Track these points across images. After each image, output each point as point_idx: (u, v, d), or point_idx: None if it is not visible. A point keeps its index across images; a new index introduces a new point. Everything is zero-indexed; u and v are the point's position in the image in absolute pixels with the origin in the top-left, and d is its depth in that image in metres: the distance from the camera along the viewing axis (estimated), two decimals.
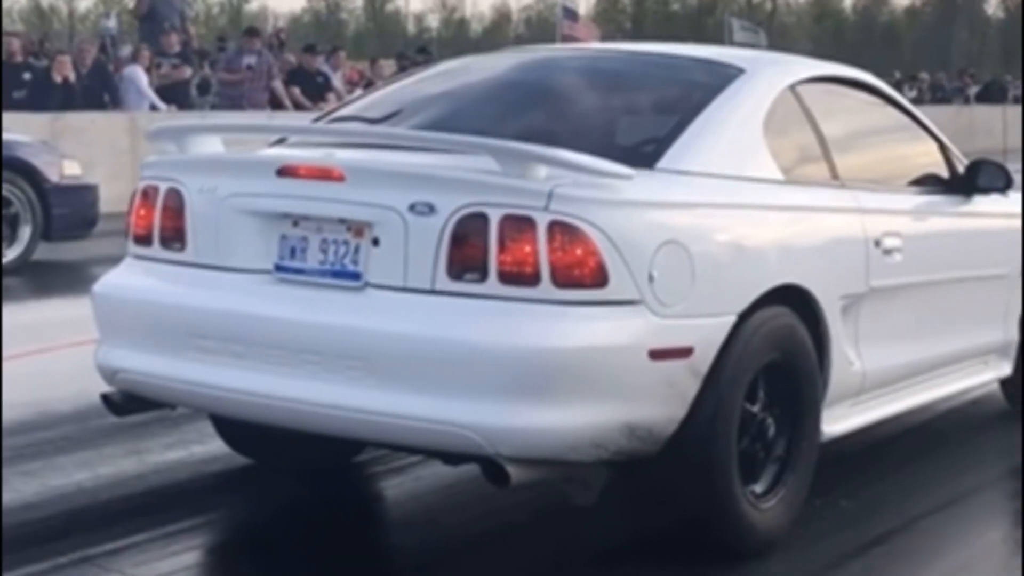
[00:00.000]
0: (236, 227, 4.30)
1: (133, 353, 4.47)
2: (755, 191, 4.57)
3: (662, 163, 4.37)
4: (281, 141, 4.97)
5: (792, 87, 5.04)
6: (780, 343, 4.45)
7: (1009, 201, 6.12)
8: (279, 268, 4.27)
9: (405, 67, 20.77)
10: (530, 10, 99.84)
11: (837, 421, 4.97)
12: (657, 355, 3.98)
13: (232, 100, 19.48)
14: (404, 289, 4.01)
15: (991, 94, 37.30)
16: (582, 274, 3.86)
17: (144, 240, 4.56)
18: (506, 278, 3.88)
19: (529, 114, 4.86)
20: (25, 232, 11.68)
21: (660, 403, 4.06)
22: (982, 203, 5.86)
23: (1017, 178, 6.04)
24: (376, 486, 5.63)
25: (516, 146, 4.00)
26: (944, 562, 4.88)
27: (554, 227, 3.85)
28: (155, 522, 4.89)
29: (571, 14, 27.40)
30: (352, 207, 4.11)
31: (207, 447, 5.69)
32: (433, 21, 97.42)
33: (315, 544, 4.77)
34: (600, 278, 3.87)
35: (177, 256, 4.44)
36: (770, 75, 5.03)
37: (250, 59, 19.72)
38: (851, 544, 4.85)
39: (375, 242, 4.08)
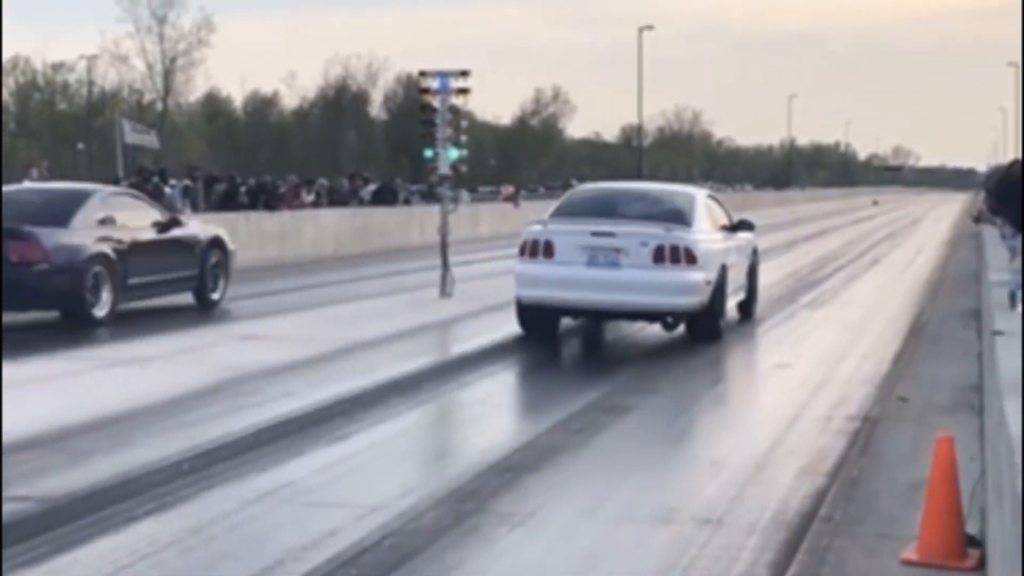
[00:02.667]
0: (573, 250, 14.39)
1: (529, 291, 14.61)
2: (714, 233, 15.32)
3: (692, 225, 14.79)
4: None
5: (707, 196, 16.31)
6: (724, 275, 15.19)
7: (751, 234, 17.07)
8: (587, 265, 14.35)
9: None
10: None
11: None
12: (703, 281, 14.45)
13: None
14: (635, 267, 14.29)
15: (384, 196, 38.70)
16: (685, 259, 14.26)
17: (532, 254, 14.57)
18: (665, 260, 14.24)
19: (642, 206, 15.26)
20: None
21: (704, 295, 14.49)
22: (742, 235, 16.54)
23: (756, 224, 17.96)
24: None
25: (659, 222, 14.66)
26: None
27: (675, 246, 14.30)
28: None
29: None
30: (617, 242, 14.37)
31: None
32: None
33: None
34: (692, 260, 14.27)
35: (547, 260, 14.52)
36: (702, 192, 16.54)
37: None
38: None
39: (625, 254, 14.28)
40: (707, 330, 14.82)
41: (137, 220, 17.23)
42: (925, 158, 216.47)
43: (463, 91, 20.19)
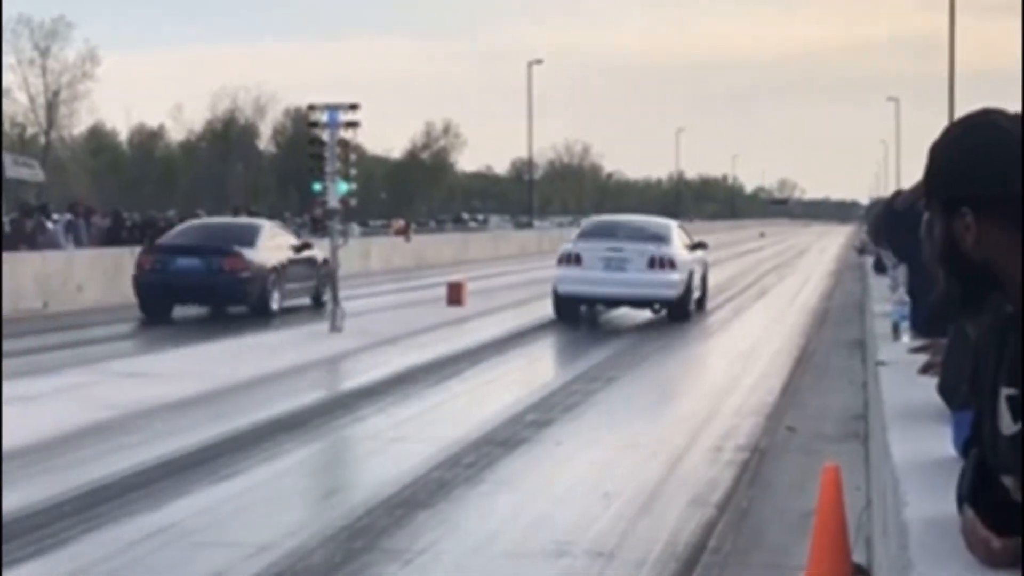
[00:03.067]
0: (595, 260, 21.48)
1: (566, 287, 21.63)
2: (683, 249, 22.42)
3: (671, 244, 22.15)
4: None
5: (678, 225, 24.76)
6: (691, 277, 22.39)
7: (704, 251, 24.25)
8: (604, 269, 21.43)
9: None
10: None
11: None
12: (680, 280, 21.49)
13: None
14: (637, 271, 21.41)
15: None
16: (668, 265, 21.37)
17: (567, 263, 21.79)
18: (655, 266, 21.29)
19: (639, 231, 22.84)
20: None
21: (681, 289, 21.51)
22: (699, 252, 23.59)
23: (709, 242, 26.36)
24: None
25: (651, 242, 22.16)
26: None
27: (662, 257, 21.42)
28: None
29: None
30: (624, 254, 21.52)
31: None
32: None
33: None
34: (673, 266, 21.41)
35: (577, 266, 21.65)
36: (675, 223, 24.86)
37: None
38: None
39: (629, 262, 21.36)
40: (681, 313, 21.73)
41: (284, 243, 23.67)
42: (810, 191, 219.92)
43: (352, 124, 20.12)
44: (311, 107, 20.56)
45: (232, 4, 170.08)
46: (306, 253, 23.89)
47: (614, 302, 22.06)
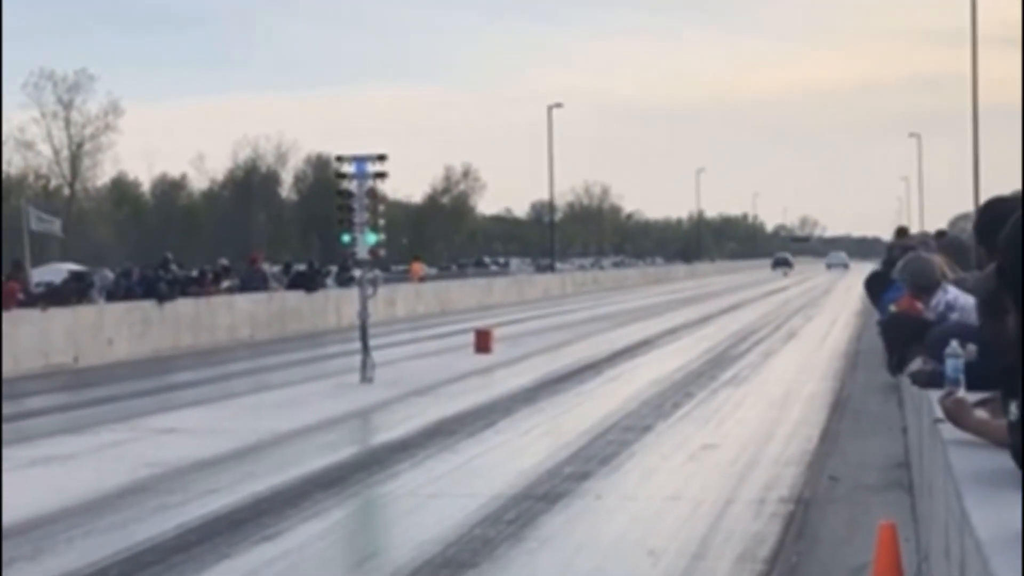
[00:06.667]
0: None
1: None
2: None
3: None
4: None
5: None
6: None
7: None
8: None
9: None
10: None
11: None
12: None
13: None
14: None
15: (303, 281, 38.11)
16: None
17: None
18: None
19: None
20: None
21: None
22: None
23: None
24: None
25: None
26: None
27: None
28: None
29: None
30: None
31: None
32: None
33: None
34: None
35: None
36: None
37: None
38: None
39: None
40: None
41: None
42: (831, 228, 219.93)
43: (380, 175, 20.15)
44: (339, 158, 20.60)
45: (250, 54, 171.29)
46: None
47: None
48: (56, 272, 34.88)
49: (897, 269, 9.84)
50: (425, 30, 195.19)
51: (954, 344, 6.17)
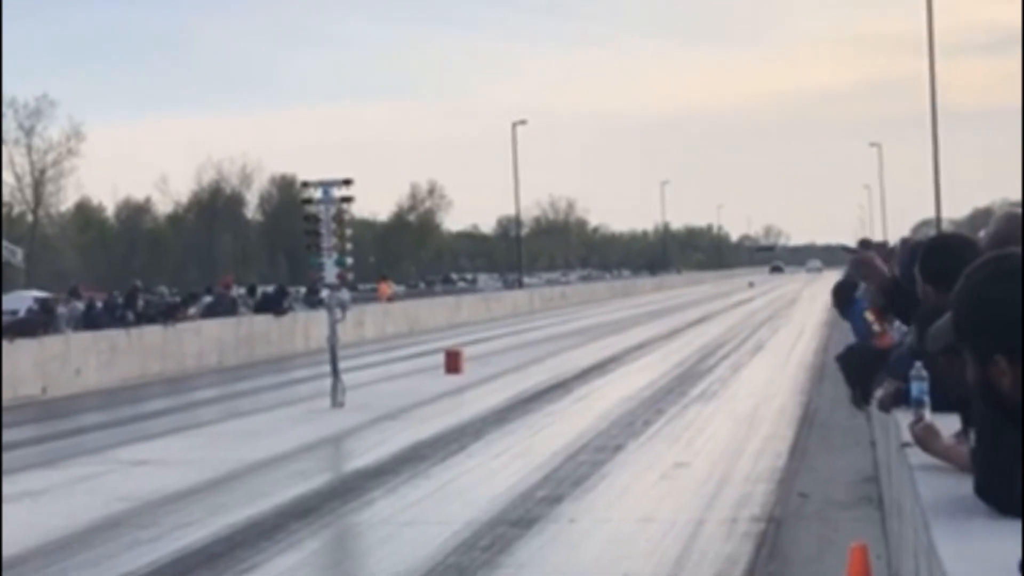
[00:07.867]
0: None
1: None
2: None
3: None
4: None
5: None
6: None
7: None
8: None
9: None
10: None
11: None
12: None
13: None
14: None
15: (268, 303, 38.03)
16: None
17: None
18: None
19: None
20: None
21: None
22: None
23: None
24: None
25: None
26: None
27: None
28: None
29: None
30: None
31: None
32: None
33: None
34: None
35: None
36: None
37: None
38: None
39: None
40: None
41: None
42: (795, 237, 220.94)
43: (346, 200, 20.19)
44: (305, 184, 20.64)
45: (212, 74, 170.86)
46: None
47: None
48: (21, 300, 34.68)
49: (861, 287, 9.97)
50: (388, 47, 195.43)
51: (918, 365, 6.26)
